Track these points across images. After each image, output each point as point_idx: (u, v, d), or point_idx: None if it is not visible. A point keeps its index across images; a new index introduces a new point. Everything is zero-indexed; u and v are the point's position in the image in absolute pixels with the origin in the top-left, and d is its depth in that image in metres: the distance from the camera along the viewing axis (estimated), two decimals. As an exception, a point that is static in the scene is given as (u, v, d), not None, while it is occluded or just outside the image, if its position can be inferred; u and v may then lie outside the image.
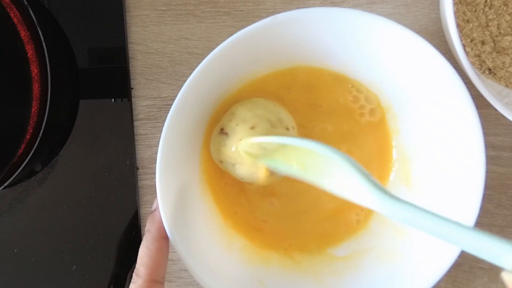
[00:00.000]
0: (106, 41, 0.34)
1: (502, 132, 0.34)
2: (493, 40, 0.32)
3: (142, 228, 0.34)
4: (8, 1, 0.30)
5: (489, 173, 0.34)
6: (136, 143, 0.34)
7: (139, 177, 0.34)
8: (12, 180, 0.32)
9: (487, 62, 0.32)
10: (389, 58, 0.27)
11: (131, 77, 0.34)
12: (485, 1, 0.31)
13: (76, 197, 0.34)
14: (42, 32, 0.32)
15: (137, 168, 0.34)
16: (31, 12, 0.31)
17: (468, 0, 0.31)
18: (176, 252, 0.26)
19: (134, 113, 0.34)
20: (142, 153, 0.34)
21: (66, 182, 0.34)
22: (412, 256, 0.28)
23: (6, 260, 0.34)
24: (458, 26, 0.31)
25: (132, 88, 0.34)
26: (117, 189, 0.34)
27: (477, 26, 0.31)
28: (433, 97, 0.28)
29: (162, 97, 0.34)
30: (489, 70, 0.32)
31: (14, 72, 0.29)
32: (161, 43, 0.34)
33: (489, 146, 0.34)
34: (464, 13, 0.31)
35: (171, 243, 0.26)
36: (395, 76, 0.28)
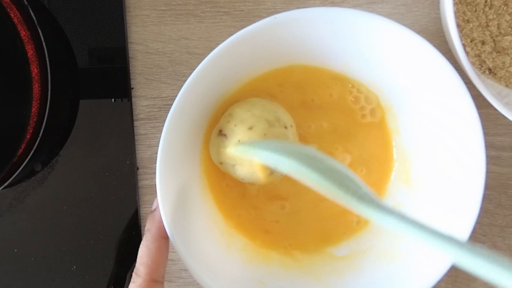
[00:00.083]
0: (106, 41, 0.34)
1: (502, 132, 0.34)
2: (493, 40, 0.32)
3: (142, 228, 0.34)
4: (8, 1, 0.30)
5: (489, 173, 0.34)
6: (136, 143, 0.34)
7: (139, 177, 0.34)
8: (12, 180, 0.32)
9: (487, 62, 0.32)
10: (389, 58, 0.27)
11: (131, 77, 0.34)
12: (485, 1, 0.31)
13: (76, 197, 0.34)
14: (42, 32, 0.32)
15: (137, 168, 0.34)
16: (31, 12, 0.31)
17: (468, 0, 0.31)
18: (176, 252, 0.26)
19: (134, 113, 0.34)
20: (142, 153, 0.34)
21: (66, 182, 0.34)
22: (412, 256, 0.28)
23: (6, 260, 0.34)
24: (458, 26, 0.31)
25: (132, 88, 0.34)
26: (117, 189, 0.34)
27: (477, 26, 0.31)
28: (433, 97, 0.28)
29: (162, 97, 0.34)
30: (489, 70, 0.32)
31: (14, 72, 0.29)
32: (161, 43, 0.34)
33: (489, 146, 0.34)
34: (464, 13, 0.31)
35: (171, 243, 0.26)
36: (395, 76, 0.28)
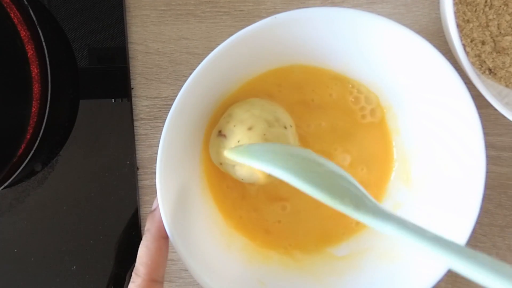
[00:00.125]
0: (106, 41, 0.34)
1: (502, 132, 0.34)
2: (493, 40, 0.32)
3: (142, 228, 0.34)
4: (8, 1, 0.30)
5: (489, 173, 0.34)
6: (136, 143, 0.34)
7: (139, 177, 0.34)
8: (12, 180, 0.32)
9: (487, 62, 0.32)
10: (389, 58, 0.27)
11: (131, 77, 0.34)
12: (485, 1, 0.31)
13: (76, 197, 0.34)
14: (42, 32, 0.32)
15: (137, 168, 0.34)
16: (31, 12, 0.31)
17: (468, 0, 0.31)
18: (176, 252, 0.26)
19: (134, 113, 0.34)
20: (142, 153, 0.34)
21: (66, 182, 0.34)
22: (412, 256, 0.28)
23: (6, 260, 0.34)
24: (458, 26, 0.31)
25: (132, 88, 0.34)
26: (117, 189, 0.34)
27: (477, 26, 0.31)
28: (433, 97, 0.28)
29: (162, 97, 0.34)
30: (489, 70, 0.32)
31: (14, 72, 0.29)
32: (161, 43, 0.34)
33: (489, 146, 0.34)
34: (464, 13, 0.31)
35: (171, 243, 0.26)
36: (395, 76, 0.28)
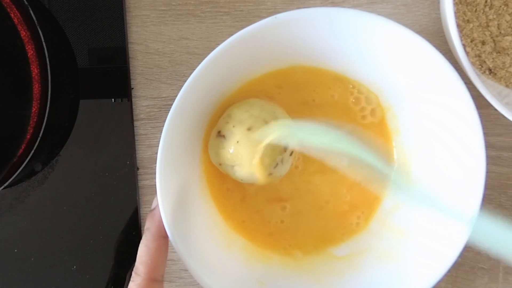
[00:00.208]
0: (106, 41, 0.34)
1: (502, 132, 0.34)
2: (494, 40, 0.32)
3: (142, 228, 0.34)
4: (8, 1, 0.30)
5: (489, 173, 0.34)
6: (136, 143, 0.34)
7: (139, 177, 0.34)
8: (12, 180, 0.32)
9: (487, 62, 0.32)
10: (389, 58, 0.27)
11: (131, 77, 0.34)
12: (486, 1, 0.31)
13: (76, 197, 0.34)
14: (42, 32, 0.32)
15: (137, 168, 0.34)
16: (31, 12, 0.31)
17: (468, 0, 0.31)
18: (176, 252, 0.26)
19: (134, 113, 0.34)
20: (142, 153, 0.34)
21: (66, 182, 0.34)
22: (412, 256, 0.28)
23: (6, 260, 0.34)
24: (458, 26, 0.31)
25: (132, 88, 0.34)
26: (117, 189, 0.34)
27: (477, 26, 0.31)
28: (433, 97, 0.28)
29: (162, 97, 0.34)
30: (490, 70, 0.32)
31: (14, 72, 0.29)
32: (161, 43, 0.34)
33: (489, 146, 0.34)
34: (464, 13, 0.31)
35: (171, 243, 0.26)
36: (395, 76, 0.28)
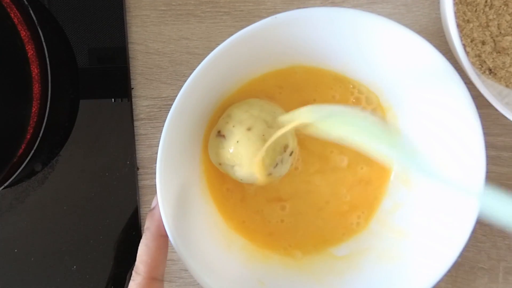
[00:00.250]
0: (106, 41, 0.34)
1: (502, 132, 0.34)
2: (494, 40, 0.32)
3: (142, 228, 0.34)
4: (8, 1, 0.30)
5: (489, 173, 0.34)
6: (136, 143, 0.34)
7: (139, 177, 0.34)
8: (13, 180, 0.32)
9: (487, 62, 0.32)
10: (389, 58, 0.27)
11: (131, 77, 0.34)
12: (486, 1, 0.31)
13: (76, 197, 0.34)
14: (42, 32, 0.32)
15: (137, 168, 0.34)
16: (31, 12, 0.31)
17: (468, 0, 0.31)
18: (176, 252, 0.26)
19: (134, 113, 0.34)
20: (142, 153, 0.34)
21: (66, 182, 0.34)
22: (412, 256, 0.28)
23: (6, 260, 0.34)
24: (458, 26, 0.31)
25: (132, 88, 0.34)
26: (117, 189, 0.34)
27: (478, 26, 0.31)
28: (433, 97, 0.28)
29: (163, 97, 0.34)
30: (490, 70, 0.32)
31: (14, 72, 0.29)
32: (161, 43, 0.34)
33: (489, 146, 0.34)
34: (464, 13, 0.31)
35: (171, 243, 0.26)
36: (395, 76, 0.28)
